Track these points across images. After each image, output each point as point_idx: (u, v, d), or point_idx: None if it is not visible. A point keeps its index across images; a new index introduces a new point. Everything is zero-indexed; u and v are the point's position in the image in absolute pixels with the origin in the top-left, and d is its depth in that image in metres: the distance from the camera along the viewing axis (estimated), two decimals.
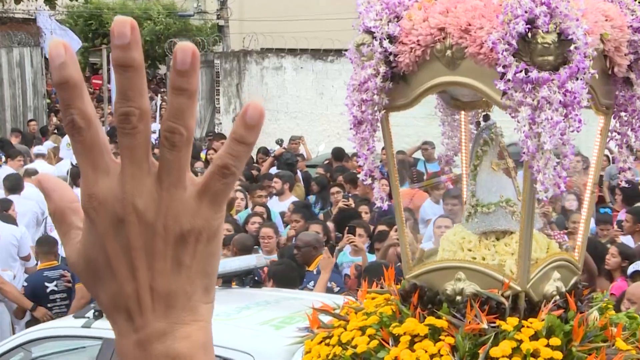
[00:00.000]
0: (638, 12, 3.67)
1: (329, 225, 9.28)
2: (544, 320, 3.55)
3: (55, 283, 8.54)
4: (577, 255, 3.90)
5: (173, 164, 0.79)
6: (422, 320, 3.66)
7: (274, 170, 13.54)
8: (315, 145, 16.90)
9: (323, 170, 13.35)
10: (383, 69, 3.60)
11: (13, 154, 13.77)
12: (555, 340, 3.50)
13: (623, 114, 3.77)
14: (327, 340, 3.92)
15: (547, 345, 3.49)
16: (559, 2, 3.23)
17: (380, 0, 3.64)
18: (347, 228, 8.45)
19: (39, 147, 15.47)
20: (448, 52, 3.50)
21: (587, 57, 3.26)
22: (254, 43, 20.88)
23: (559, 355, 3.48)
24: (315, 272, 7.56)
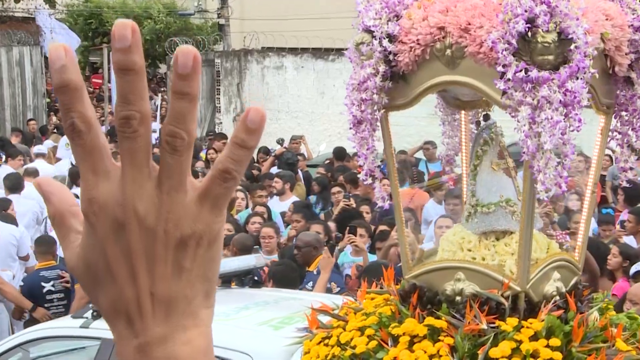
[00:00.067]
0: (639, 11, 3.66)
1: (330, 225, 9.25)
2: (544, 321, 3.55)
3: (52, 283, 8.48)
4: (577, 256, 3.89)
5: (174, 168, 0.79)
6: (421, 321, 3.66)
7: (275, 170, 13.52)
8: (316, 145, 16.88)
9: (324, 170, 13.31)
10: (382, 68, 3.60)
11: (13, 154, 13.77)
12: (555, 341, 3.50)
13: (624, 114, 3.76)
14: (326, 341, 3.92)
15: (546, 346, 3.49)
16: (559, 1, 3.22)
17: None
18: (348, 228, 8.43)
19: (39, 146, 15.46)
20: (448, 51, 3.50)
21: (587, 56, 3.25)
22: (255, 42, 20.87)
23: (559, 356, 3.47)
24: (316, 272, 7.54)
